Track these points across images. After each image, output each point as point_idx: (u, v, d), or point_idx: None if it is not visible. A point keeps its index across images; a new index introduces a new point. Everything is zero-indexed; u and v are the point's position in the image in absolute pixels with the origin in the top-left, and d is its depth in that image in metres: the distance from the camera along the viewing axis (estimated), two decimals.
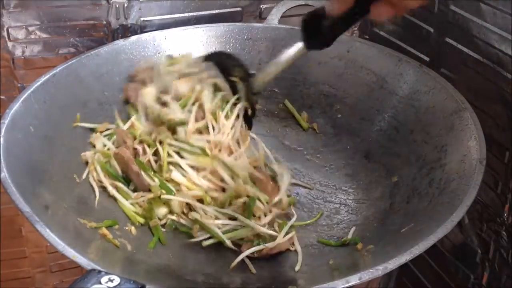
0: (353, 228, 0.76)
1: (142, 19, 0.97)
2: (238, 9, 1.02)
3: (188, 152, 0.77)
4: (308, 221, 0.79)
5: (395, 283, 1.11)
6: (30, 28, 0.92)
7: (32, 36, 0.93)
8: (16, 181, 0.63)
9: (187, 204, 0.75)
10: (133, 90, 0.85)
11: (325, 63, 0.94)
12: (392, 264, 0.57)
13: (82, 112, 0.82)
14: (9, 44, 0.92)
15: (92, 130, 0.83)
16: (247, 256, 0.71)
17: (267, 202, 0.75)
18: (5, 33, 0.91)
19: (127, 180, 0.78)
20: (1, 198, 0.96)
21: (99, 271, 0.51)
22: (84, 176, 0.77)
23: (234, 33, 0.96)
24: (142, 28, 0.97)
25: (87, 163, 0.79)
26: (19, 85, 0.94)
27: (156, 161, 0.78)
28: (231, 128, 0.79)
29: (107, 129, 0.84)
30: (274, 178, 0.79)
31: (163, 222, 0.76)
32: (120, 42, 0.90)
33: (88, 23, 0.95)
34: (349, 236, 0.75)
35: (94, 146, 0.81)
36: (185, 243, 0.74)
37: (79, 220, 0.69)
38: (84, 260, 0.56)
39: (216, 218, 0.74)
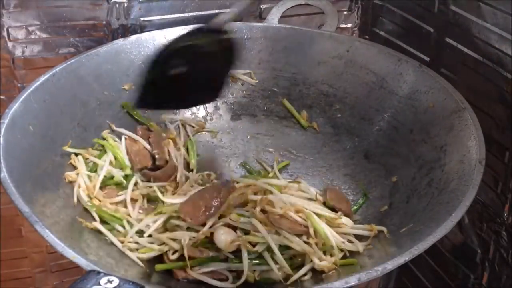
0: None
1: (142, 19, 0.97)
2: None
3: None
4: None
5: (395, 283, 1.11)
6: (30, 28, 0.92)
7: (32, 36, 0.93)
8: (16, 181, 0.63)
9: None
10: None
11: (325, 63, 0.94)
12: (392, 264, 0.57)
13: (81, 111, 0.82)
14: (9, 44, 0.92)
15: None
16: None
17: None
18: (5, 33, 0.91)
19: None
20: (1, 198, 0.96)
21: (98, 272, 0.51)
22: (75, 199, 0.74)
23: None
24: (142, 28, 0.97)
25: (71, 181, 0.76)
26: (19, 85, 0.94)
27: None
28: None
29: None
30: None
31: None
32: (120, 42, 0.90)
33: (88, 23, 0.95)
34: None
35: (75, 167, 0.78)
36: None
37: (79, 220, 0.69)
38: (83, 261, 0.56)
39: None
